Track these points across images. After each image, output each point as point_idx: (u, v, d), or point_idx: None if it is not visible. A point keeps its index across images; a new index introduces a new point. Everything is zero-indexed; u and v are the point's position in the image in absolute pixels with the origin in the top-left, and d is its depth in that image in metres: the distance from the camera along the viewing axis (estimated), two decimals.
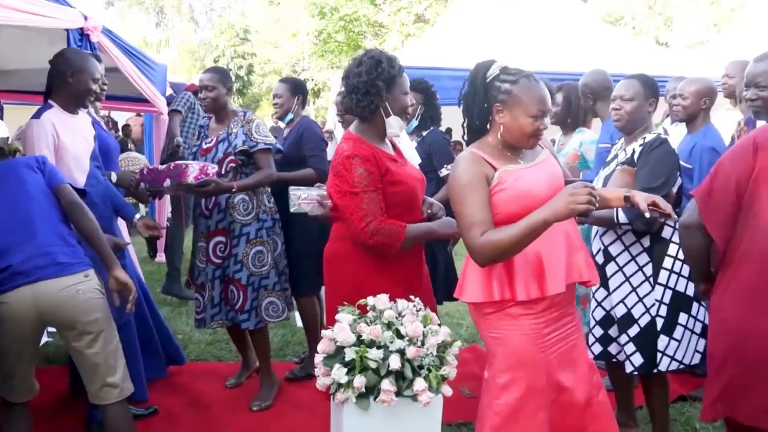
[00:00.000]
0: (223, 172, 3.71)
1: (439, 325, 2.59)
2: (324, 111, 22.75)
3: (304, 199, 3.35)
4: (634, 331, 3.07)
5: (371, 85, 2.77)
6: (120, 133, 10.83)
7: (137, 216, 3.66)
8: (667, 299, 3.04)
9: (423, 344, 2.49)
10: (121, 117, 11.58)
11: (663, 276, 3.05)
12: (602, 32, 8.95)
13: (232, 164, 3.76)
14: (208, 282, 3.81)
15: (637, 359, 3.07)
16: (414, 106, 2.99)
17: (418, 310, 2.59)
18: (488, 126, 2.43)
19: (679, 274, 3.05)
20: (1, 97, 7.44)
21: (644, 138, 3.09)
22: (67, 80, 3.25)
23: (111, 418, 2.76)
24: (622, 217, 2.92)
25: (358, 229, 2.70)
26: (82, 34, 3.90)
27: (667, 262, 3.04)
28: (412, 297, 2.65)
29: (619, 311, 3.11)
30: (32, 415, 2.84)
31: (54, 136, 3.19)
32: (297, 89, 4.37)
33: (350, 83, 2.82)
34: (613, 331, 3.19)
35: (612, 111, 3.22)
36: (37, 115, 3.23)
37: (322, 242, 3.83)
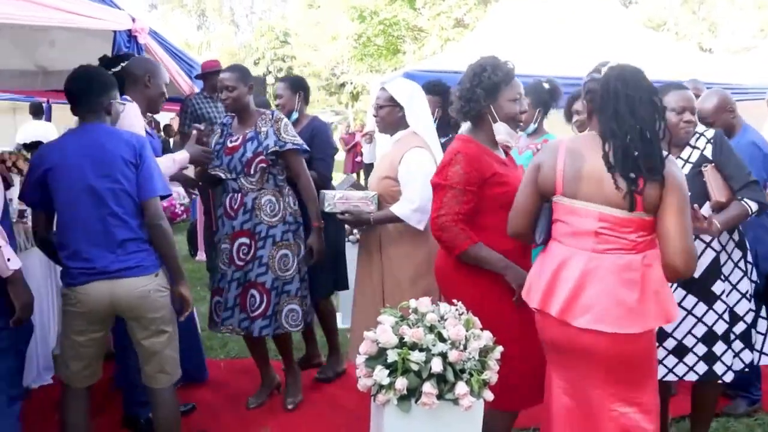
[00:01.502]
0: (252, 172, 3.63)
1: (482, 329, 2.58)
2: (363, 114, 22.85)
3: (339, 199, 3.35)
4: (740, 328, 3.14)
5: (472, 92, 2.83)
6: (162, 133, 11.00)
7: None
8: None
9: (465, 348, 2.48)
10: (163, 117, 11.76)
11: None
12: (644, 37, 8.82)
13: (263, 164, 3.64)
14: (226, 284, 3.71)
15: (738, 363, 3.12)
16: (526, 113, 3.00)
17: (460, 314, 2.58)
18: None
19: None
20: (50, 96, 7.62)
21: (699, 135, 3.08)
22: (145, 84, 3.38)
23: (159, 402, 2.91)
24: (754, 205, 2.99)
25: (431, 218, 2.83)
26: (130, 36, 3.96)
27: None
28: (455, 301, 2.65)
29: (709, 319, 3.07)
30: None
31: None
32: (297, 86, 4.27)
33: (458, 89, 2.91)
34: (718, 348, 3.08)
35: (684, 124, 3.07)
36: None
37: (338, 243, 3.83)
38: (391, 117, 3.43)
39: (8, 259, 2.44)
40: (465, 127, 3.02)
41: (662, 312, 2.34)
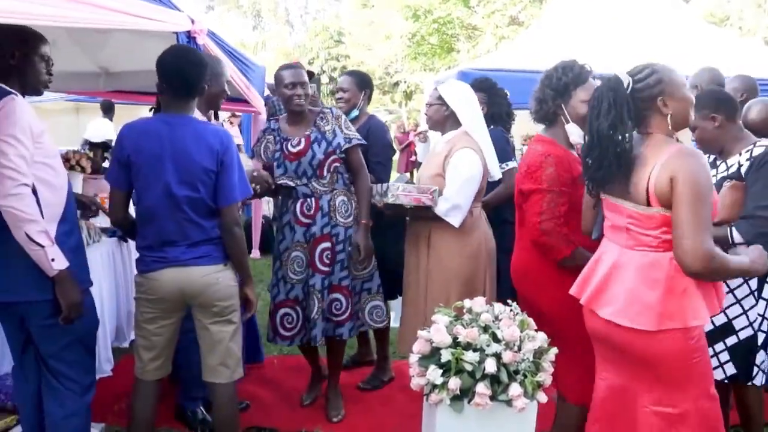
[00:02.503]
0: (324, 174, 3.55)
1: (536, 330, 2.56)
2: (416, 113, 22.81)
3: (402, 191, 3.36)
4: (731, 341, 3.01)
5: (542, 93, 2.88)
6: None
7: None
8: None
9: (520, 349, 2.47)
10: (221, 116, 11.97)
11: (767, 290, 2.99)
12: (706, 33, 8.59)
13: (336, 164, 3.57)
14: (315, 293, 3.54)
15: (730, 368, 3.02)
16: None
17: (515, 315, 2.56)
18: None
19: None
20: (113, 97, 7.80)
21: (750, 150, 2.96)
22: (203, 84, 3.37)
23: (219, 396, 2.95)
24: (737, 237, 2.80)
25: (531, 223, 2.78)
26: (189, 37, 4.03)
27: None
28: (509, 301, 2.64)
29: (718, 320, 3.00)
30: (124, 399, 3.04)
31: None
32: (364, 83, 4.17)
33: (534, 90, 2.94)
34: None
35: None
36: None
37: (399, 244, 3.75)
38: (438, 115, 3.49)
39: (52, 259, 2.46)
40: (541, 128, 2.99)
41: (691, 312, 2.24)
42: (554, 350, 2.59)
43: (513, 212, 3.06)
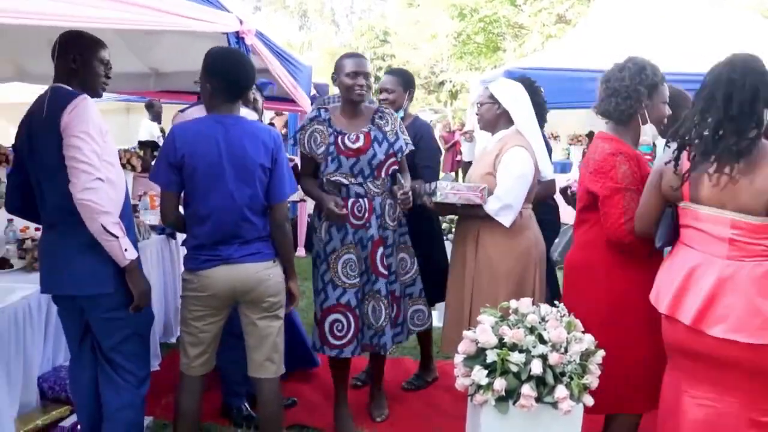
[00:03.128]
0: (382, 175, 3.40)
1: (583, 332, 2.53)
2: (462, 113, 22.71)
3: (451, 189, 3.33)
4: None
5: (633, 90, 2.79)
6: None
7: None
8: None
9: (566, 351, 2.44)
10: (266, 115, 12.09)
11: None
12: (761, 27, 8.38)
13: (394, 167, 3.44)
14: (381, 299, 3.41)
15: None
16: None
17: (561, 316, 2.54)
18: None
19: None
20: (162, 96, 7.95)
21: None
22: None
23: (264, 392, 2.99)
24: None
25: (615, 225, 2.69)
26: (238, 37, 4.09)
27: None
28: (556, 303, 2.61)
29: None
30: (171, 393, 3.12)
31: None
32: (408, 83, 4.03)
33: (611, 86, 2.83)
34: None
35: None
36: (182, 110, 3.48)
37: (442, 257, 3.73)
38: (490, 114, 3.43)
39: (125, 249, 2.57)
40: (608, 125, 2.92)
41: None
42: (601, 352, 2.55)
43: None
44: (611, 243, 2.73)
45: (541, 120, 4.11)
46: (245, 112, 3.58)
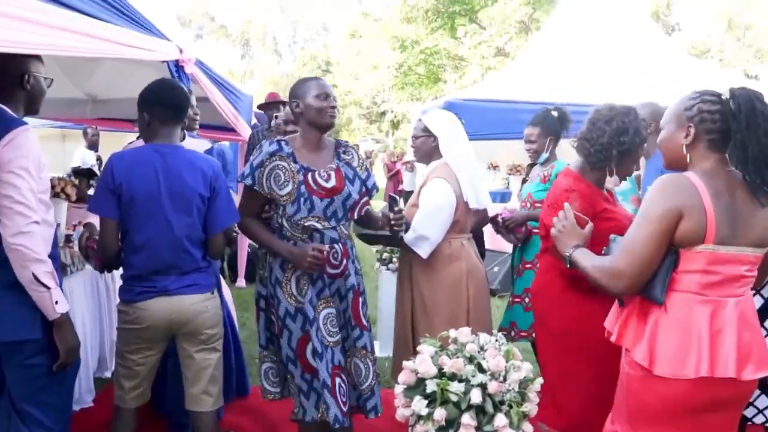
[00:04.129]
0: (355, 216, 3.10)
1: (522, 360, 2.56)
2: (403, 142, 22.90)
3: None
4: None
5: (606, 149, 2.86)
6: None
7: None
8: None
9: (505, 379, 2.46)
10: (205, 144, 11.98)
11: None
12: (688, 65, 8.73)
13: (367, 207, 3.17)
14: (368, 355, 3.08)
15: None
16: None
17: (500, 345, 2.56)
18: None
19: None
20: (99, 124, 7.80)
21: None
22: None
23: (203, 426, 2.95)
24: None
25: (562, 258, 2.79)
26: (178, 66, 4.06)
27: None
28: (494, 332, 2.64)
29: None
30: (105, 427, 3.02)
31: None
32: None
33: (593, 134, 2.89)
34: None
35: None
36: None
37: None
38: (426, 147, 3.47)
39: (56, 302, 2.36)
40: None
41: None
42: (540, 380, 2.58)
43: None
44: (564, 271, 2.82)
45: None
46: (195, 144, 3.56)
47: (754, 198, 2.10)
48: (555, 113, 4.07)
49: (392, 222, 3.09)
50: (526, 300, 3.92)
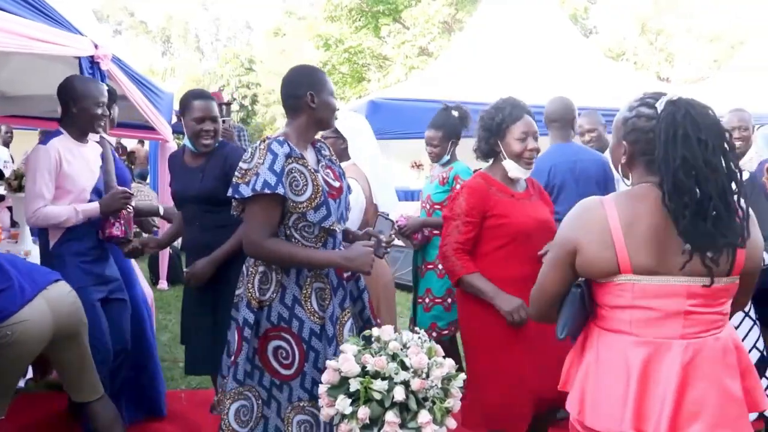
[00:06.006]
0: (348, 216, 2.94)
1: (444, 357, 2.58)
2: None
3: None
4: None
5: (479, 132, 3.03)
6: (126, 159, 10.92)
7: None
8: None
9: (428, 376, 2.48)
10: (127, 144, 11.66)
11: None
12: (604, 67, 9.03)
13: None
14: None
15: None
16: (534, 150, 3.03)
17: (423, 342, 2.58)
18: None
19: None
20: (12, 122, 7.50)
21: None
22: (71, 109, 3.28)
23: (100, 413, 2.90)
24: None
25: (441, 247, 3.02)
26: (93, 62, 3.93)
27: None
28: (416, 329, 2.66)
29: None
30: None
31: (57, 163, 3.18)
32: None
33: (478, 126, 3.07)
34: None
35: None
36: (44, 141, 3.25)
37: None
38: (335, 148, 3.46)
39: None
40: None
41: (759, 395, 1.89)
42: (462, 376, 2.61)
43: None
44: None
45: None
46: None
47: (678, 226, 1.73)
48: (455, 113, 4.10)
49: (383, 246, 2.89)
50: (427, 300, 4.01)
